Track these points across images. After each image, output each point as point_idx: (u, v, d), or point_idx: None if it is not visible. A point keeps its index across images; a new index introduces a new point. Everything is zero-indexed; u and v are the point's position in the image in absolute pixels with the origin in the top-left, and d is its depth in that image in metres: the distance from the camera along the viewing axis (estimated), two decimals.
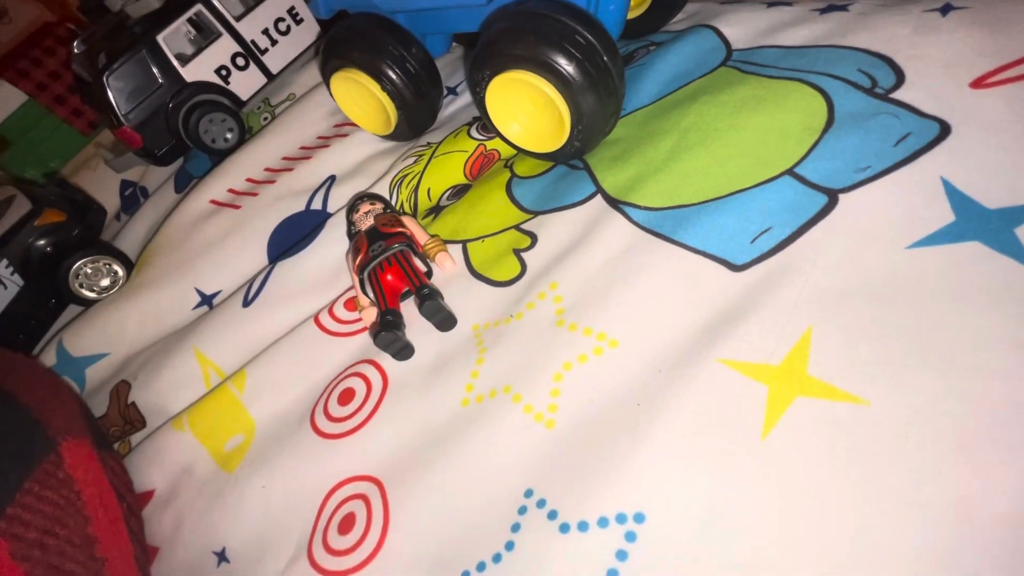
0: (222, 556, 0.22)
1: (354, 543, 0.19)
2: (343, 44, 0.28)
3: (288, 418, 0.23)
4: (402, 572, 0.18)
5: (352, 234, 0.27)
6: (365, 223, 0.26)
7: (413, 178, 0.29)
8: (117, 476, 0.24)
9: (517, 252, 0.23)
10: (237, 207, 0.34)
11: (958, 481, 0.13)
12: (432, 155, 0.29)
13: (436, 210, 0.28)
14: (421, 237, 0.25)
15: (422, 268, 0.24)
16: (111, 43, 0.35)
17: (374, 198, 0.27)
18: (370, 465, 0.21)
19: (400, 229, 0.25)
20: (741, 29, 0.26)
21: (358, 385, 0.23)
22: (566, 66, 0.21)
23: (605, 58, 0.21)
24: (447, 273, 0.24)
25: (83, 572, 0.20)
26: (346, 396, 0.22)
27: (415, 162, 0.30)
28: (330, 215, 0.30)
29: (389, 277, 0.23)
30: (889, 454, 0.14)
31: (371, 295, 0.24)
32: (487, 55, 0.23)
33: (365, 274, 0.24)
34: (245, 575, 0.21)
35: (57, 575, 0.19)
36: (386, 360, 0.23)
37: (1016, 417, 0.13)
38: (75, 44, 0.38)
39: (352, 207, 0.27)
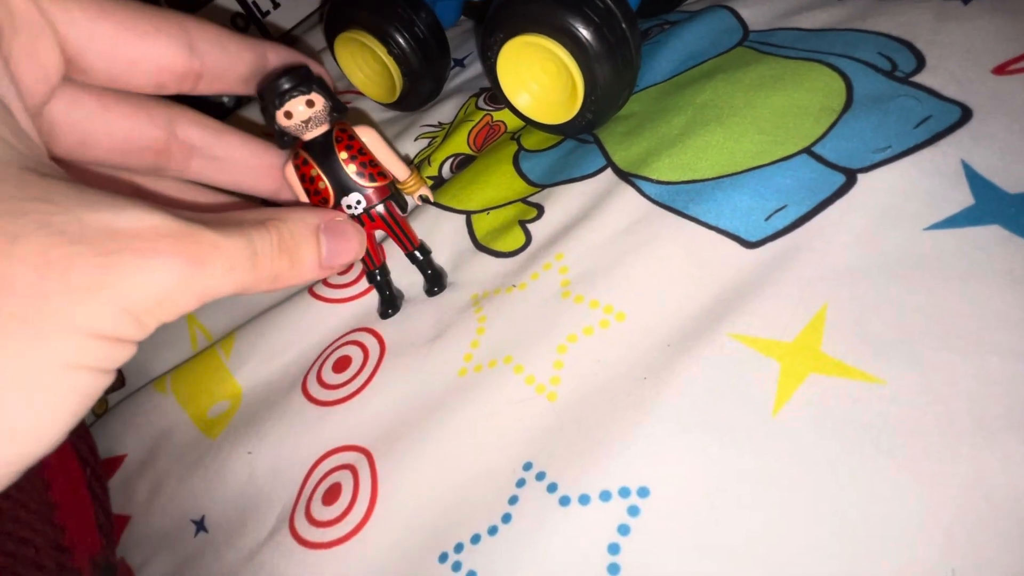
0: (200, 525, 0.21)
1: (339, 514, 0.18)
2: (350, 5, 0.27)
3: (278, 384, 0.22)
4: (391, 545, 0.17)
5: (285, 139, 0.18)
6: (309, 131, 0.18)
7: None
8: (80, 438, 0.23)
9: (522, 223, 0.22)
10: None
11: (975, 460, 0.13)
12: (445, 136, 0.29)
13: (439, 183, 0.27)
14: (399, 172, 0.20)
15: (403, 215, 0.20)
16: None
17: (307, 85, 0.17)
18: (359, 435, 0.20)
19: (378, 181, 0.19)
20: (759, 11, 0.25)
21: (355, 353, 0.22)
22: (584, 31, 0.20)
23: (624, 26, 0.21)
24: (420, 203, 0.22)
25: (40, 540, 0.19)
26: (342, 364, 0.22)
27: (429, 144, 0.29)
28: None
29: (370, 229, 0.20)
30: (905, 432, 0.14)
31: None
32: (501, 17, 0.22)
33: None
34: (224, 545, 0.20)
35: (10, 543, 0.18)
36: (384, 328, 0.22)
37: None
38: None
39: (278, 95, 0.17)
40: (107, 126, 0.16)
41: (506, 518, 0.16)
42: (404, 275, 0.23)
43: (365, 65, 0.30)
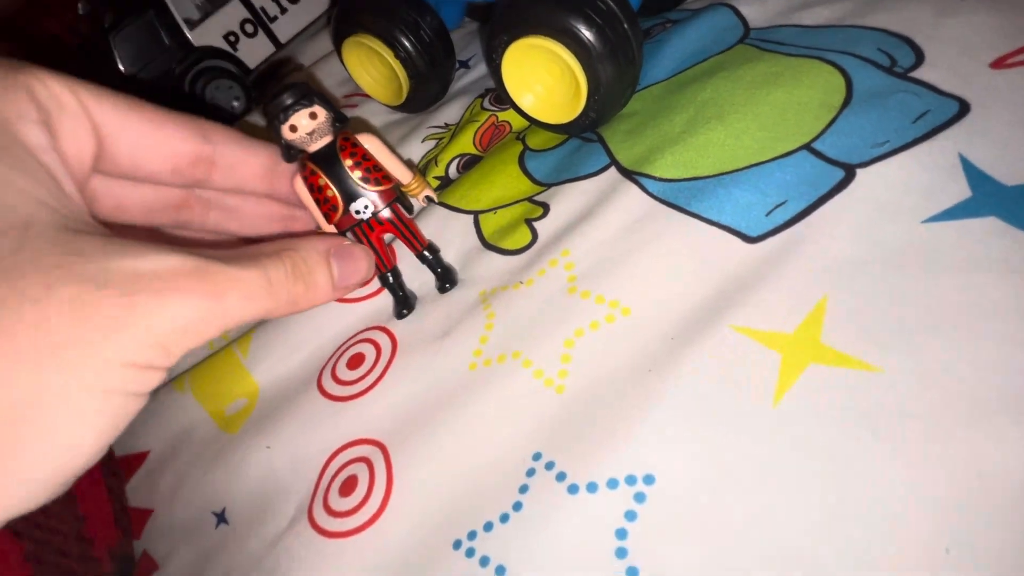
0: (221, 517, 0.22)
1: (356, 505, 0.19)
2: (357, 10, 0.28)
3: (295, 381, 0.23)
4: (407, 533, 0.18)
5: (291, 152, 0.19)
6: (314, 143, 0.18)
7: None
8: None
9: (529, 221, 0.23)
10: None
11: (971, 446, 0.13)
12: (452, 137, 0.29)
13: (446, 182, 0.28)
14: (402, 176, 0.20)
15: (410, 216, 0.21)
16: (117, 3, 0.35)
17: (309, 98, 0.18)
18: (374, 428, 0.21)
19: (384, 185, 0.19)
20: (759, 8, 0.26)
21: (368, 350, 0.22)
22: (586, 32, 0.21)
23: (626, 26, 0.21)
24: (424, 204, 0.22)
25: (66, 529, 0.20)
26: (355, 360, 0.22)
27: (436, 145, 0.30)
28: None
29: (379, 232, 0.20)
30: (901, 419, 0.14)
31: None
32: (506, 20, 0.22)
33: (349, 232, 0.20)
34: (244, 536, 0.21)
35: (39, 531, 0.19)
36: (396, 326, 0.22)
37: None
38: (80, 5, 0.38)
39: (282, 110, 0.18)
40: (136, 192, 0.18)
41: (517, 506, 0.17)
42: (415, 277, 0.23)
43: (372, 68, 0.30)
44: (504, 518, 0.17)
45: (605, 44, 0.21)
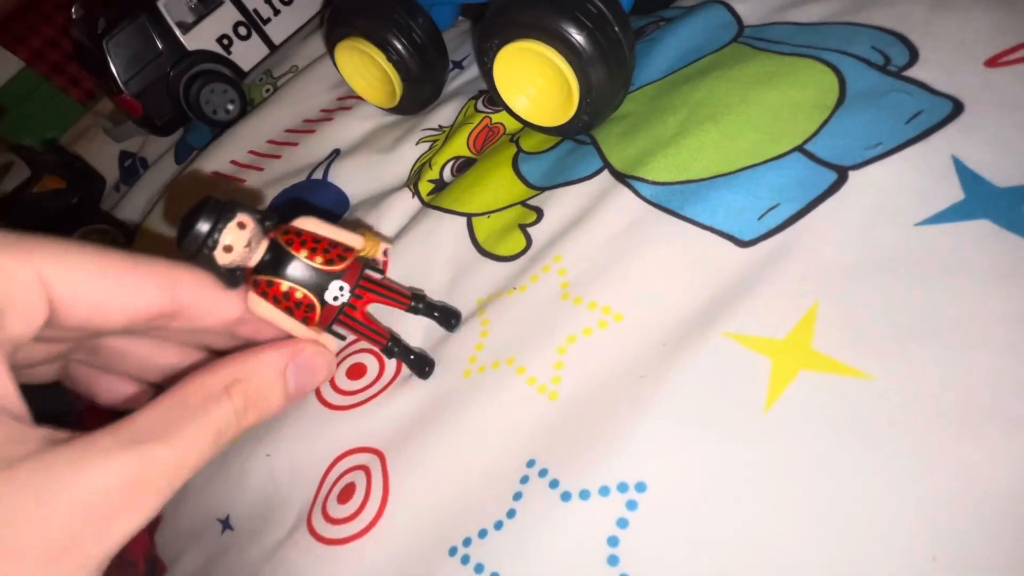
0: (226, 523, 0.22)
1: (353, 512, 0.19)
2: (349, 12, 0.28)
3: None
4: (403, 540, 0.18)
5: (236, 276, 0.16)
6: (254, 253, 0.16)
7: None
8: None
9: (523, 227, 0.23)
10: (242, 180, 0.34)
11: (959, 456, 0.13)
12: (446, 140, 0.29)
13: (440, 185, 0.28)
14: (355, 243, 0.18)
15: (382, 276, 0.19)
16: (110, 8, 0.35)
17: (227, 210, 0.15)
18: (372, 436, 0.21)
19: (347, 258, 0.17)
20: (753, 5, 0.25)
21: (371, 363, 0.23)
22: (576, 35, 0.20)
23: (616, 28, 0.21)
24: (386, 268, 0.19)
25: None
26: (356, 371, 0.22)
27: (430, 148, 0.30)
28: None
29: (362, 308, 0.19)
30: (891, 427, 0.14)
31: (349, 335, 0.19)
32: (496, 24, 0.22)
33: (334, 325, 0.18)
34: (248, 543, 0.21)
35: None
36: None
37: (1020, 390, 0.14)
38: (73, 9, 0.38)
39: (206, 238, 0.15)
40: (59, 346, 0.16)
41: (511, 513, 0.17)
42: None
43: (365, 71, 0.30)
44: (498, 525, 0.17)
45: (596, 47, 0.21)
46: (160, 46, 0.35)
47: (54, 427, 0.12)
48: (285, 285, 0.16)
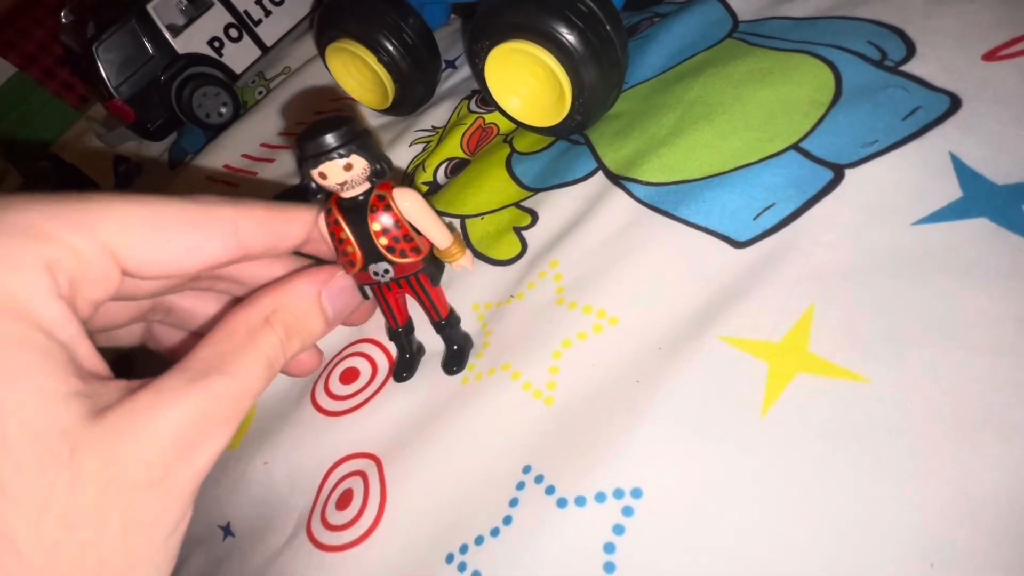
0: (227, 530, 0.22)
1: (351, 518, 0.19)
2: (339, 14, 0.27)
3: (288, 395, 0.23)
4: (400, 546, 0.18)
5: (318, 196, 0.17)
6: (344, 192, 0.16)
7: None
8: None
9: (518, 230, 0.23)
10: (235, 185, 0.34)
11: (956, 460, 0.13)
12: (439, 141, 0.29)
13: (434, 187, 0.28)
14: (440, 240, 0.18)
15: (435, 286, 0.19)
16: (100, 12, 0.34)
17: (347, 147, 0.16)
18: (368, 442, 0.21)
19: (413, 254, 0.17)
20: (748, 0, 0.25)
21: (363, 366, 0.22)
22: (567, 35, 0.20)
23: (608, 27, 0.21)
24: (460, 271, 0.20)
25: None
26: (349, 375, 0.22)
27: (423, 149, 0.29)
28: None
29: (396, 298, 0.19)
30: (888, 431, 0.14)
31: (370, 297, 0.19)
32: (486, 24, 0.22)
33: (367, 288, 0.18)
34: (249, 549, 0.21)
35: None
36: (392, 344, 0.22)
37: (1017, 395, 0.13)
38: (63, 14, 0.37)
39: (314, 155, 0.16)
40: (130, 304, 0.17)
41: (507, 520, 0.17)
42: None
43: (357, 72, 0.30)
44: (495, 532, 0.17)
45: (587, 47, 0.20)
46: (150, 50, 0.35)
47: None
48: (344, 233, 0.17)
